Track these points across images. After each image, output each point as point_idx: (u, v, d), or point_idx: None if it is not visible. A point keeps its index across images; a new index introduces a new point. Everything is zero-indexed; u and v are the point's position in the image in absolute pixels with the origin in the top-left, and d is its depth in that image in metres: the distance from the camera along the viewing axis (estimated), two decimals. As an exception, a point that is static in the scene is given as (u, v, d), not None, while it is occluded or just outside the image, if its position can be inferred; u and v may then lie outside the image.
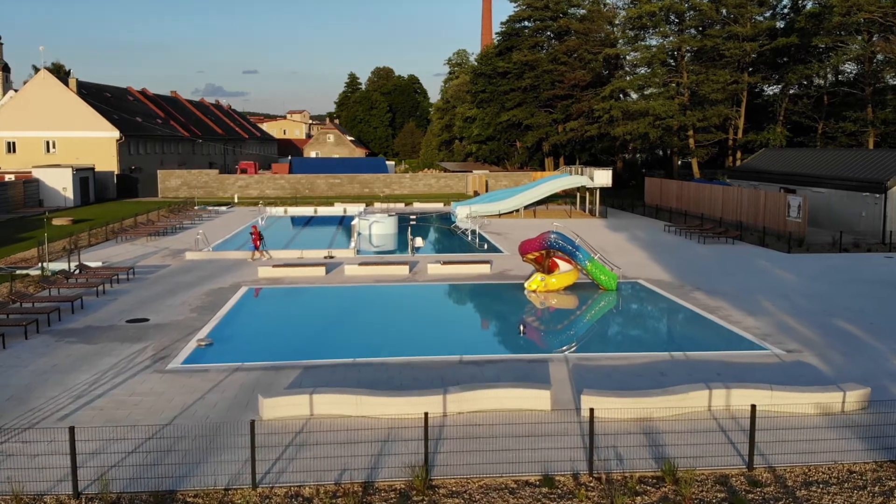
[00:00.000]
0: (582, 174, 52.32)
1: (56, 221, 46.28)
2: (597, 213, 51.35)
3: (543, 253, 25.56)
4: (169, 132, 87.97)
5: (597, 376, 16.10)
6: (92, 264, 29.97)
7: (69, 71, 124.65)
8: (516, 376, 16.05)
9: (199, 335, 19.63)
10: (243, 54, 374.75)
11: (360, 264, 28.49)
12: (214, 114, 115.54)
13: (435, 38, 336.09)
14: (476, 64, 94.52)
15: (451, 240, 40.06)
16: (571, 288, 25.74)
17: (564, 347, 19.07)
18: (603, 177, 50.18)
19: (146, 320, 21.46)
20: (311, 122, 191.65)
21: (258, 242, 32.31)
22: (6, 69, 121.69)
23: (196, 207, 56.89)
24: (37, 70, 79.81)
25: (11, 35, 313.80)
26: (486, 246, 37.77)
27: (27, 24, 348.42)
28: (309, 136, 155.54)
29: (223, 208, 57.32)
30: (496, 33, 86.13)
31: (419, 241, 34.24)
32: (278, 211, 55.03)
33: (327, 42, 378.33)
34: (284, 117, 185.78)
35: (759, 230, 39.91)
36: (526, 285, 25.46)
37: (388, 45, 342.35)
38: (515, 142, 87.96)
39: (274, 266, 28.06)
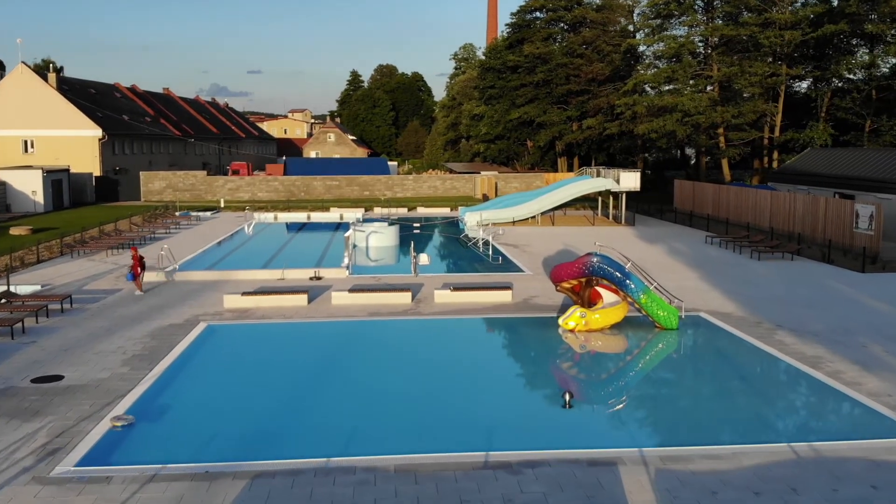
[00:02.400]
0: (604, 176, 46.79)
1: (14, 230, 40.87)
2: (622, 220, 45.78)
3: (583, 281, 20.07)
4: (158, 131, 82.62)
5: (696, 495, 10.57)
6: (25, 289, 24.57)
7: (61, 68, 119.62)
8: (573, 495, 10.54)
9: (118, 408, 14.17)
10: (247, 54, 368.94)
11: (351, 291, 22.99)
12: (209, 112, 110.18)
13: (438, 38, 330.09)
14: (484, 58, 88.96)
15: (461, 252, 34.61)
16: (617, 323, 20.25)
17: (619, 407, 13.64)
18: (630, 179, 44.62)
19: (59, 378, 16.01)
20: (312, 121, 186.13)
21: (138, 270, 24.46)
22: (1, 67, 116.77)
23: (177, 213, 51.48)
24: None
25: (11, 33, 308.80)
26: (500, 260, 32.42)
27: (28, 22, 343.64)
28: (310, 135, 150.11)
29: (208, 214, 51.92)
30: (506, 24, 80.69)
31: (424, 258, 28.76)
32: (267, 217, 49.58)
33: (331, 42, 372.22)
34: (286, 116, 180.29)
35: (820, 243, 34.38)
36: (561, 322, 19.91)
37: (391, 44, 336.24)
38: (526, 141, 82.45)
39: (243, 294, 22.54)
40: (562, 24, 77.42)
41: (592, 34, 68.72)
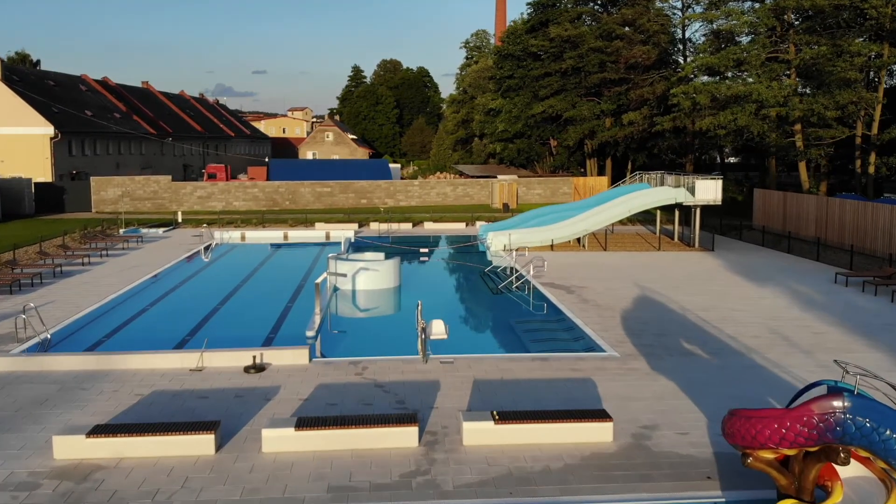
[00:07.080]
0: (670, 184, 35.88)
1: None
2: (695, 243, 34.78)
3: (814, 450, 9.05)
4: (128, 129, 71.85)
5: None
6: None
7: (38, 61, 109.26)
8: None
9: None
10: (252, 54, 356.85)
11: (300, 427, 11.94)
12: (195, 108, 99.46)
13: (444, 37, 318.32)
14: (500, 44, 77.91)
15: (490, 301, 23.72)
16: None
17: None
18: (709, 189, 33.68)
19: None
20: (313, 119, 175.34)
21: None
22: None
23: (121, 231, 40.64)
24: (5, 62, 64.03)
25: (13, 30, 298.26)
26: (545, 308, 21.85)
27: (31, 22, 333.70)
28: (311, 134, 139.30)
29: (161, 230, 41.12)
30: (527, 3, 69.67)
31: (438, 328, 17.48)
32: (233, 235, 38.77)
33: (335, 42, 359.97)
34: (285, 115, 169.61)
35: None
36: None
37: (395, 44, 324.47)
38: (549, 139, 71.50)
39: (90, 434, 11.46)
40: (592, 4, 66.47)
41: (634, 12, 57.66)
